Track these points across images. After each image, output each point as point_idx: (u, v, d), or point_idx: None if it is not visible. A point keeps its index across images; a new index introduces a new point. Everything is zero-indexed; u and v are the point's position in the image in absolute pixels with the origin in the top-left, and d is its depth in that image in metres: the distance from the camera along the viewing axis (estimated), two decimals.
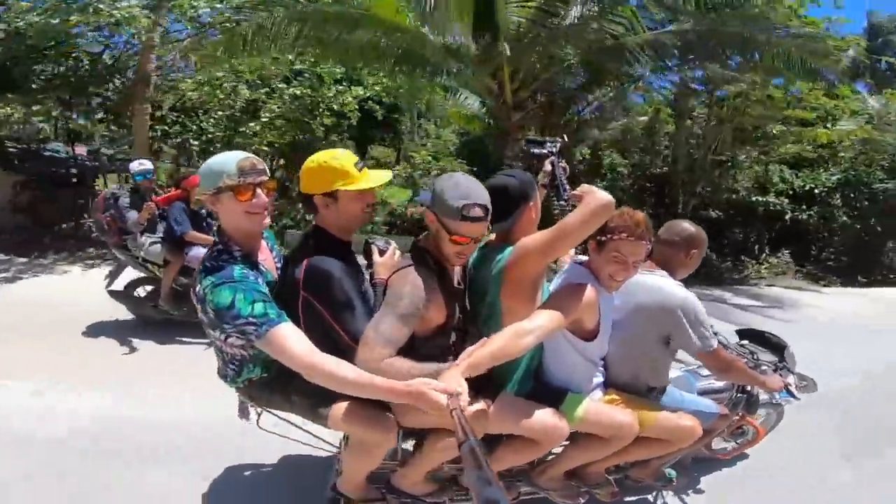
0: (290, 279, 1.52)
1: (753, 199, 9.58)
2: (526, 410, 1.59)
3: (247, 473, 2.32)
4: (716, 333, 1.91)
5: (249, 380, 1.63)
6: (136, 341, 3.71)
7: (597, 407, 1.72)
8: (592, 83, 8.27)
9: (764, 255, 9.73)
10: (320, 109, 7.25)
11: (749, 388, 2.13)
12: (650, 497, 2.17)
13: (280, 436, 1.86)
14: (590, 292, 1.55)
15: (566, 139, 2.37)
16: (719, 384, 2.16)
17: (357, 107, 7.97)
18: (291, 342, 1.32)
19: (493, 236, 1.71)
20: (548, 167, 1.95)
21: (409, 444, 1.77)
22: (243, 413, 1.87)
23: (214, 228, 1.49)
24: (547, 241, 1.50)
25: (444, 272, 1.56)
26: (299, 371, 1.32)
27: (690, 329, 1.72)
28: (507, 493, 1.82)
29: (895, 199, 8.96)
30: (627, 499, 2.05)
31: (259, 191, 1.46)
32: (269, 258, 1.67)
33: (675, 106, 9.90)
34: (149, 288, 4.04)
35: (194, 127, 6.92)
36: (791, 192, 9.92)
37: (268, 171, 1.51)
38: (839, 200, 9.52)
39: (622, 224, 1.55)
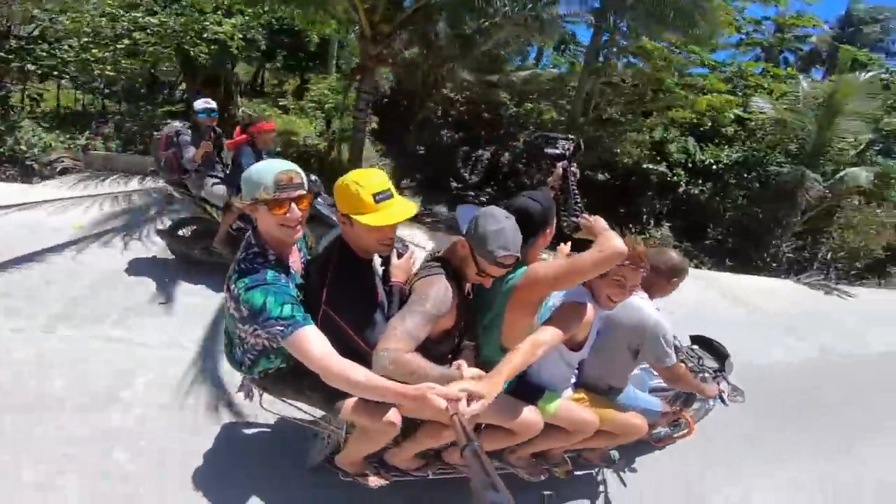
0: (313, 289, 1.61)
1: (645, 166, 9.40)
2: (509, 405, 1.80)
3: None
4: (675, 336, 2.22)
5: (266, 371, 1.73)
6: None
7: (567, 405, 1.96)
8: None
9: (650, 226, 9.66)
10: (190, 36, 7.60)
11: None
12: (594, 472, 2.63)
13: (276, 414, 2.10)
14: (589, 311, 1.73)
15: (581, 145, 2.56)
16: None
17: (241, 35, 8.33)
18: (313, 345, 1.41)
19: None
20: (559, 171, 2.08)
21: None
22: (247, 394, 1.98)
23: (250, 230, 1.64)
24: (558, 274, 1.63)
25: (461, 283, 1.69)
26: (316, 371, 1.40)
27: (658, 348, 1.99)
28: None
29: (787, 185, 8.54)
30: (577, 473, 2.44)
31: (294, 205, 1.50)
32: (297, 260, 1.72)
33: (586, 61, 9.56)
34: (193, 228, 3.98)
35: (43, 53, 6.96)
36: (691, 165, 9.61)
37: (305, 184, 1.54)
38: (734, 179, 9.19)
39: (628, 254, 1.66)
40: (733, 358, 2.75)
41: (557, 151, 2.10)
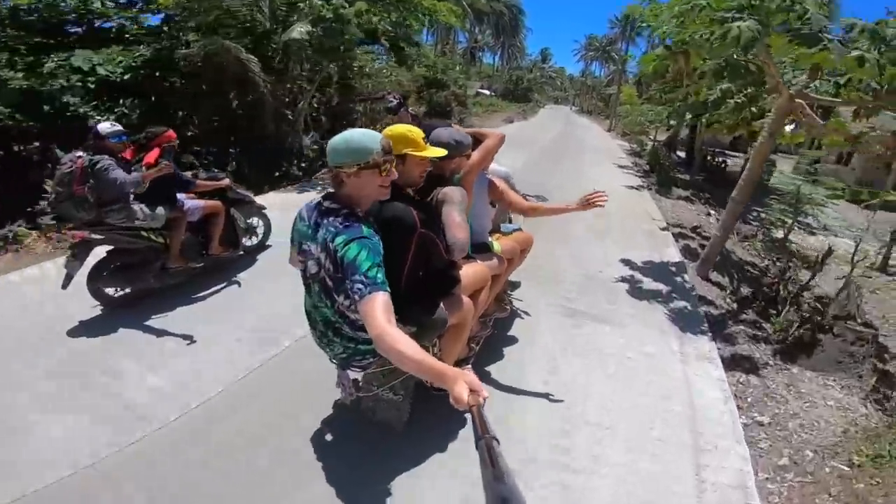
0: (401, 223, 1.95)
1: None
2: (487, 261, 2.62)
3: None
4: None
5: None
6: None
7: (501, 242, 2.90)
8: None
9: None
10: None
11: None
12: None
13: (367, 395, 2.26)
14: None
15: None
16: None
17: None
18: (381, 311, 1.48)
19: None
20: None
21: None
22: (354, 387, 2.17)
23: (321, 193, 1.74)
24: (479, 159, 2.50)
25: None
26: (373, 335, 1.46)
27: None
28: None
29: None
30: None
31: (392, 167, 1.75)
32: None
33: None
34: (115, 265, 3.46)
35: None
36: None
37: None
38: None
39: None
40: None
41: (395, 102, 4.21)
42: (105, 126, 3.30)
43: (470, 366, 2.66)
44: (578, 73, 78.79)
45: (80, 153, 3.21)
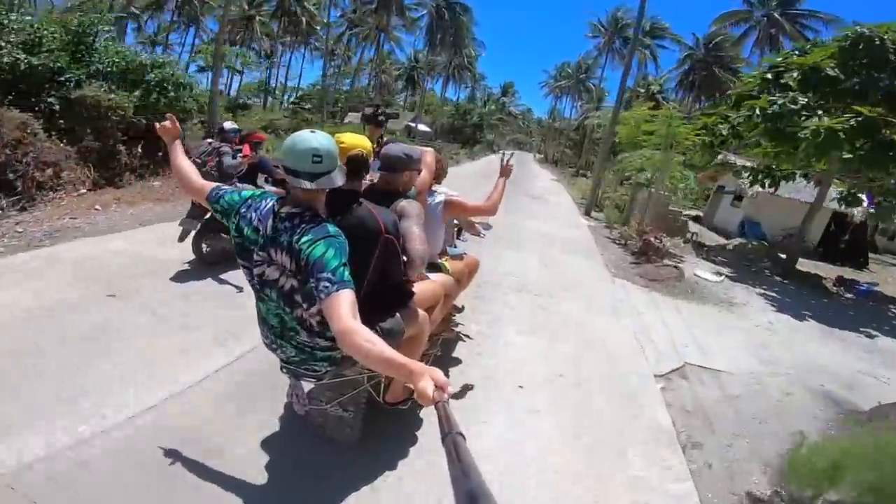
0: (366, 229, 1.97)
1: None
2: (437, 280, 2.64)
3: None
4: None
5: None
6: None
7: (449, 263, 2.93)
8: None
9: None
10: None
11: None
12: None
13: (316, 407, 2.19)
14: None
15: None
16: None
17: None
18: (347, 307, 1.45)
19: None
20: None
21: None
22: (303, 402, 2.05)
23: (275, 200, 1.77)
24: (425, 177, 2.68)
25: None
26: (336, 332, 1.43)
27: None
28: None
29: None
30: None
31: None
32: None
33: None
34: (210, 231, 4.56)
35: None
36: None
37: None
38: None
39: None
40: None
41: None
42: (228, 124, 5.01)
43: None
44: (546, 113, 63.84)
45: (210, 140, 4.94)
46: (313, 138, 1.65)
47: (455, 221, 3.34)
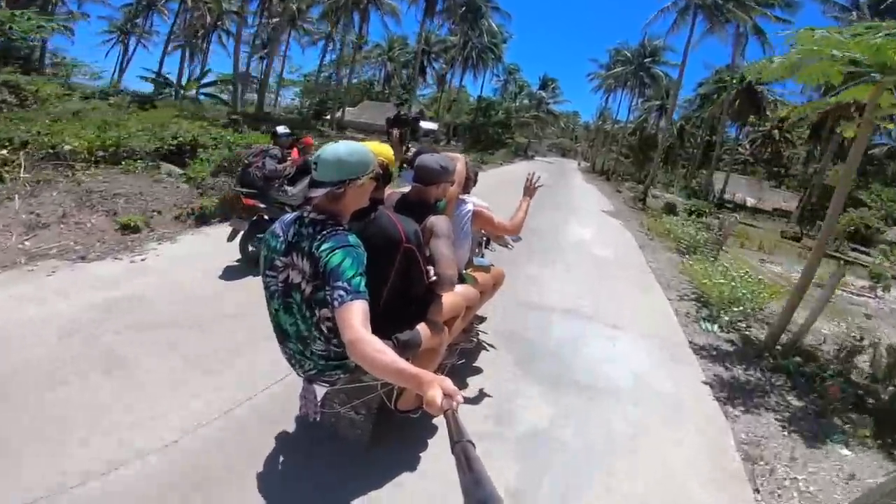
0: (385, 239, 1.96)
1: None
2: (461, 291, 2.53)
3: None
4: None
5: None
6: None
7: (474, 274, 2.86)
8: None
9: None
10: None
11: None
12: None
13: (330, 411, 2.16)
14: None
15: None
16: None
17: None
18: (359, 318, 1.48)
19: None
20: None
21: None
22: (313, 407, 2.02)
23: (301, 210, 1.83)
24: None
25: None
26: (346, 342, 1.46)
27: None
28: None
29: None
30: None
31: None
32: None
33: None
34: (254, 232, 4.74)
35: None
36: None
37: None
38: None
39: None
40: None
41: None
42: (280, 129, 5.29)
43: None
44: (594, 116, 52.15)
45: (262, 145, 5.30)
46: (329, 147, 1.74)
47: (482, 231, 3.31)
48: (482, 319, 3.73)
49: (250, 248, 4.62)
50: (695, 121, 34.54)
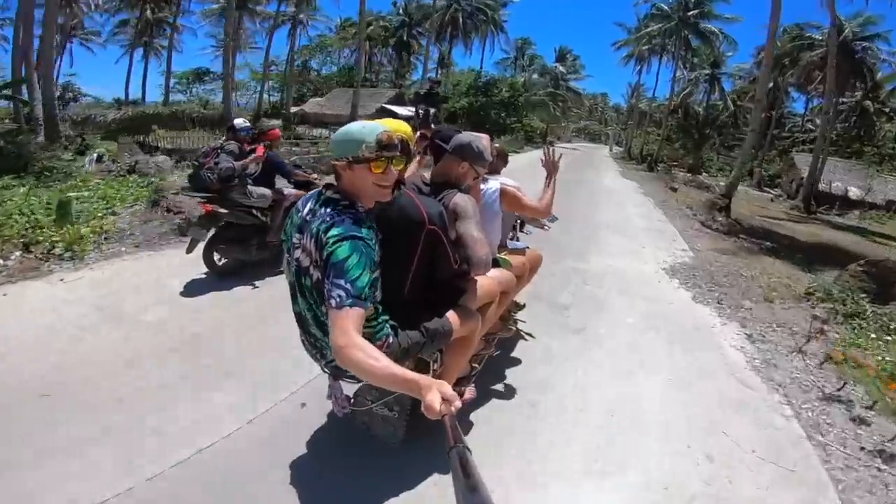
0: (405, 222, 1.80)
1: None
2: (496, 275, 2.38)
3: None
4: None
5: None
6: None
7: (510, 258, 2.73)
8: None
9: None
10: None
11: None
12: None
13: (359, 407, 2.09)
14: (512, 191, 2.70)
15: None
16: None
17: None
18: (353, 325, 1.38)
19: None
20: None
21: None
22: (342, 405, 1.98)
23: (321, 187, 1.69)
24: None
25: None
26: (334, 346, 1.37)
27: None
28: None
29: None
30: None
31: (391, 166, 1.56)
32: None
33: None
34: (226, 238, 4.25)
35: None
36: None
37: (409, 147, 1.62)
38: None
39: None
40: None
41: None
42: (238, 121, 4.55)
43: (473, 385, 2.51)
44: (624, 96, 45.09)
45: (221, 140, 4.41)
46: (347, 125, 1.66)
47: (516, 214, 3.11)
48: (520, 307, 3.56)
49: (216, 257, 4.10)
50: (753, 94, 29.54)
